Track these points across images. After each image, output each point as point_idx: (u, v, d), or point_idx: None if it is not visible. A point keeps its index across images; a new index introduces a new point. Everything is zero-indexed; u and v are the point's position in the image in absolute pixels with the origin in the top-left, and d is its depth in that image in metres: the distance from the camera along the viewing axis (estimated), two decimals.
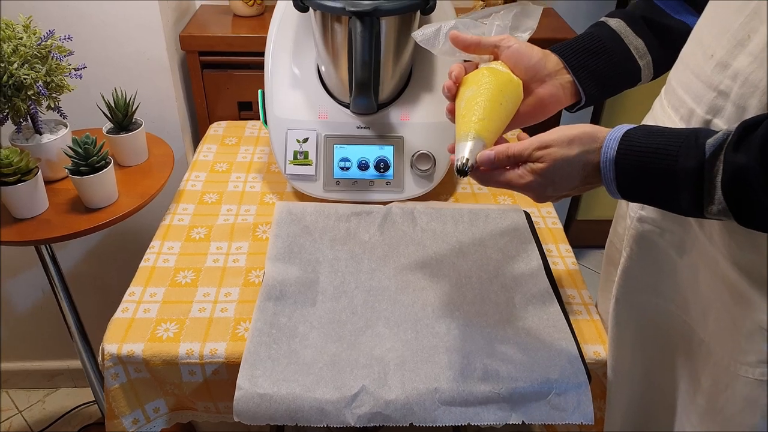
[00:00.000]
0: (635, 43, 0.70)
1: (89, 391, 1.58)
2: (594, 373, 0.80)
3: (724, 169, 0.50)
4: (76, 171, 0.93)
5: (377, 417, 0.71)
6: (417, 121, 1.05)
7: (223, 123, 1.32)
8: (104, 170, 0.93)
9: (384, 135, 1.04)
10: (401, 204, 1.02)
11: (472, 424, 0.73)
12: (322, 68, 1.05)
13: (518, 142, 0.61)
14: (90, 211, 0.96)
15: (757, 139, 0.48)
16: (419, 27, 0.99)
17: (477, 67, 0.69)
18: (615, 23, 0.71)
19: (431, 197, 1.07)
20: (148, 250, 0.95)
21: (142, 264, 0.93)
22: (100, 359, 0.80)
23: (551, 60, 0.69)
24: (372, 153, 1.04)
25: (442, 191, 1.11)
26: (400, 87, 1.07)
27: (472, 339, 0.80)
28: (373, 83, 0.95)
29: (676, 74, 0.67)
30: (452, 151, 0.66)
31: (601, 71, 0.69)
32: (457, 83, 0.69)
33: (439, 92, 1.06)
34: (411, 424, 0.72)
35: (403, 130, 1.05)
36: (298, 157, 1.04)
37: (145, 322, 0.82)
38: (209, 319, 0.83)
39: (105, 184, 0.95)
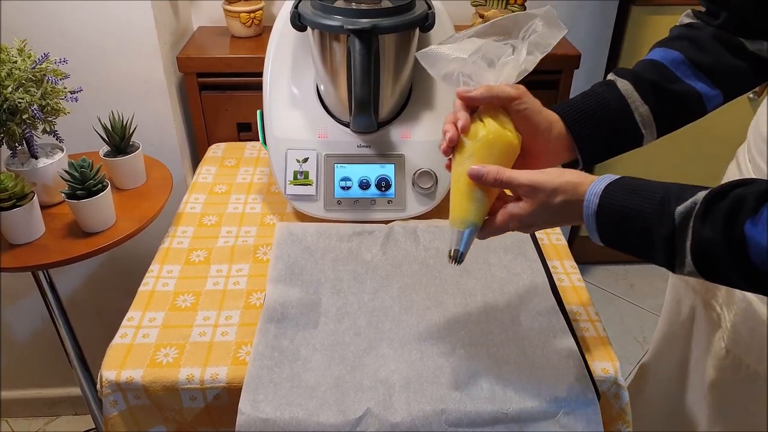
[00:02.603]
0: (641, 110, 0.68)
1: (90, 418, 1.56)
2: (602, 391, 0.78)
3: (693, 238, 0.51)
4: (72, 195, 0.92)
5: None
6: (418, 139, 1.04)
7: (222, 144, 1.31)
8: (101, 194, 0.93)
9: (385, 153, 1.04)
10: (403, 223, 1.01)
11: None
12: (321, 87, 1.04)
13: (510, 171, 0.63)
14: (87, 236, 0.95)
15: (721, 213, 0.50)
16: (417, 44, 0.99)
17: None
18: (623, 86, 0.69)
19: (434, 215, 1.06)
20: (147, 274, 0.94)
21: (141, 288, 0.91)
22: (98, 386, 0.78)
23: (556, 128, 0.68)
24: (373, 172, 1.03)
25: (445, 209, 1.08)
26: (400, 105, 1.06)
27: (478, 358, 0.78)
28: (373, 101, 0.94)
29: (755, 143, 0.67)
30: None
31: (603, 140, 0.69)
32: (464, 132, 0.66)
33: (440, 109, 1.06)
34: None
35: (404, 148, 1.04)
36: (298, 177, 1.03)
37: (144, 348, 0.81)
38: (210, 343, 0.82)
39: (102, 208, 0.94)
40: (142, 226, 0.98)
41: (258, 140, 1.31)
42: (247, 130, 1.35)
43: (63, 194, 0.92)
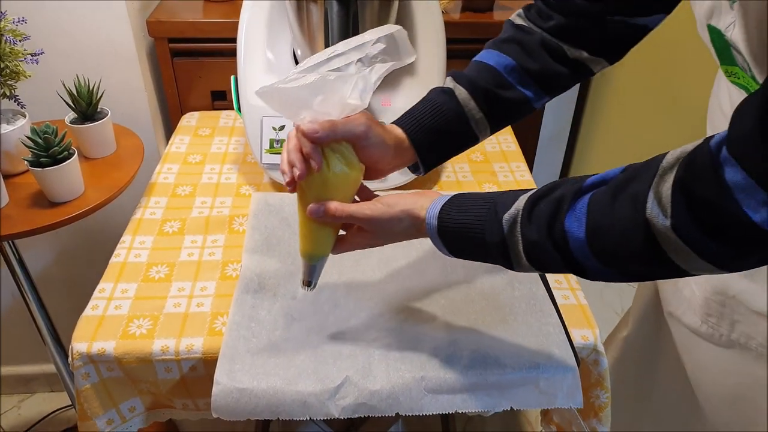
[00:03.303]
0: (477, 117, 0.73)
1: (66, 395, 1.53)
2: (582, 358, 0.78)
3: (523, 242, 0.56)
4: (36, 163, 0.88)
5: (362, 408, 0.69)
6: (399, 106, 1.02)
7: (196, 113, 1.28)
8: (67, 162, 0.89)
9: None
10: (384, 193, 0.99)
11: (460, 411, 0.70)
12: (298, 52, 1.01)
13: (348, 207, 0.65)
14: (54, 206, 0.91)
15: (544, 215, 0.54)
16: (398, 6, 0.96)
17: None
18: (461, 94, 0.73)
19: (416, 186, 1.04)
20: (118, 245, 0.91)
21: (113, 260, 0.89)
22: (70, 359, 0.76)
23: (401, 145, 0.71)
24: None
25: (427, 179, 1.08)
26: None
27: (458, 326, 0.77)
28: None
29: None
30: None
31: (443, 148, 0.75)
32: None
33: (422, 75, 1.04)
34: (397, 414, 0.69)
35: (384, 116, 1.02)
36: (275, 145, 1.00)
37: (116, 319, 0.78)
38: (185, 314, 0.80)
39: (69, 177, 0.91)
40: (113, 196, 0.94)
41: (233, 109, 1.28)
42: (221, 99, 1.31)
43: (26, 162, 0.88)
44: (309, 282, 0.72)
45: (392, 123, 0.73)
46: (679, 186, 0.45)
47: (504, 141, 1.20)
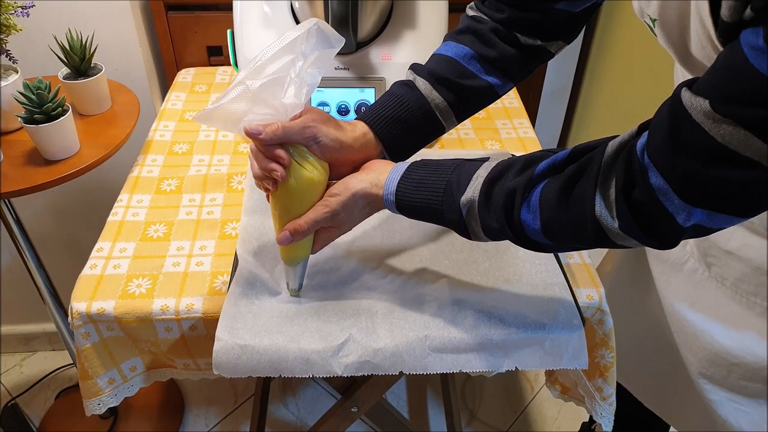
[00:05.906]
0: (441, 107, 0.74)
1: (67, 353, 1.54)
2: (586, 317, 0.78)
3: (482, 224, 0.60)
4: (30, 120, 0.85)
5: (365, 366, 0.68)
6: (400, 61, 0.99)
7: (192, 69, 1.25)
8: (62, 118, 0.86)
9: (365, 76, 0.98)
10: None
11: (464, 371, 0.70)
12: (296, 4, 0.98)
13: (305, 217, 0.67)
14: (49, 164, 0.89)
15: (500, 207, 0.58)
16: None
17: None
18: (422, 85, 0.73)
19: None
20: (115, 204, 0.90)
21: (110, 218, 0.87)
22: (69, 319, 0.75)
23: (363, 139, 0.71)
24: (352, 96, 0.98)
25: None
26: (381, 24, 1.00)
27: (462, 287, 0.76)
28: (352, 18, 0.88)
29: None
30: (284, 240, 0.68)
31: (410, 139, 0.75)
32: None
33: (423, 29, 1.00)
34: (400, 372, 0.69)
35: (385, 70, 0.99)
36: None
37: (115, 279, 0.78)
38: (184, 273, 0.79)
39: (64, 134, 0.88)
40: (109, 154, 0.92)
41: (230, 65, 1.25)
42: (217, 54, 1.27)
43: (20, 119, 0.86)
44: (295, 286, 0.74)
45: (355, 119, 0.73)
46: (621, 190, 0.50)
47: (507, 97, 1.18)
